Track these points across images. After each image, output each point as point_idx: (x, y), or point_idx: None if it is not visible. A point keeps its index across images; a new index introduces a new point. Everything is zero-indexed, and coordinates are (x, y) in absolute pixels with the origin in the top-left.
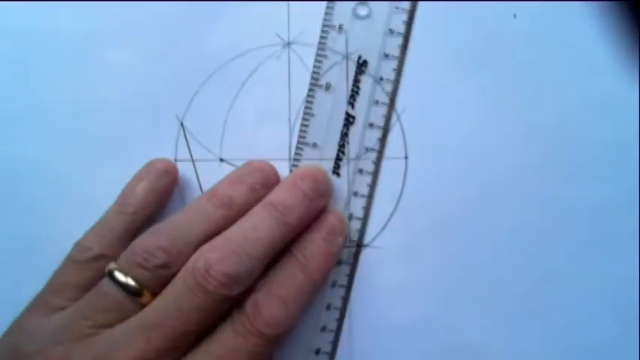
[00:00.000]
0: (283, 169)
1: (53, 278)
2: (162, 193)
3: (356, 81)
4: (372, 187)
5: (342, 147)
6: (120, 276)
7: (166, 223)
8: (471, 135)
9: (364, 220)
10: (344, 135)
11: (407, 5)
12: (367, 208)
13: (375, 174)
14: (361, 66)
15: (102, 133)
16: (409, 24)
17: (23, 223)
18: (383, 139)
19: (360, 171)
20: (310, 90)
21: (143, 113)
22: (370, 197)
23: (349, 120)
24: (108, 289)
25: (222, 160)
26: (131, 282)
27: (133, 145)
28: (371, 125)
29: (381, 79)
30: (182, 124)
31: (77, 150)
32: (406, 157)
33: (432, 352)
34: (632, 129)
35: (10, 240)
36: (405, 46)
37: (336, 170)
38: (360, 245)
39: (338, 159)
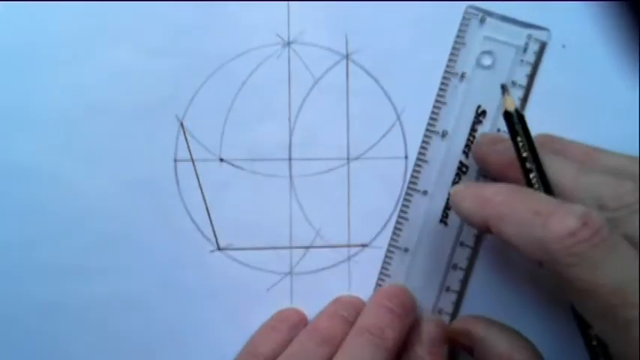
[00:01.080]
0: (283, 170)
1: None
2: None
3: (473, 130)
4: (479, 238)
5: None
6: None
7: None
8: None
9: (467, 271)
10: (455, 184)
11: (532, 59)
12: (471, 260)
13: None
14: (479, 116)
15: (102, 133)
16: (532, 77)
17: (23, 224)
18: None
19: None
20: (426, 136)
21: (143, 113)
22: (476, 249)
23: (462, 169)
24: None
25: (222, 160)
26: None
27: (133, 145)
28: (484, 176)
29: (499, 130)
30: (182, 124)
31: (77, 150)
32: (406, 157)
33: None
34: (632, 129)
35: (9, 241)
36: (525, 99)
37: (443, 219)
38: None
39: (447, 207)
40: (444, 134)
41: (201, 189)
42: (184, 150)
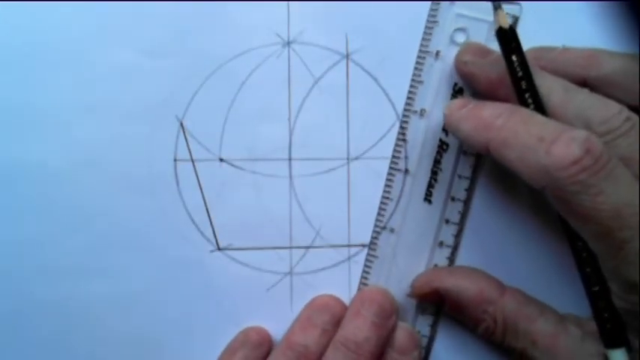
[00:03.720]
0: (283, 170)
1: None
2: None
3: None
4: (464, 214)
5: (434, 174)
6: None
7: None
8: None
9: (454, 249)
10: (437, 162)
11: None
12: (458, 236)
13: (467, 202)
14: (456, 93)
15: (102, 133)
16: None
17: (23, 224)
18: (475, 167)
19: (452, 198)
20: (404, 116)
21: (143, 113)
22: (461, 225)
23: (443, 147)
24: None
25: (221, 159)
26: None
27: (133, 145)
28: (464, 153)
29: None
30: (182, 124)
31: (77, 150)
32: (406, 157)
33: None
34: None
35: (10, 241)
36: None
37: (427, 197)
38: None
39: (430, 186)
40: (422, 113)
41: (201, 189)
42: (184, 150)
